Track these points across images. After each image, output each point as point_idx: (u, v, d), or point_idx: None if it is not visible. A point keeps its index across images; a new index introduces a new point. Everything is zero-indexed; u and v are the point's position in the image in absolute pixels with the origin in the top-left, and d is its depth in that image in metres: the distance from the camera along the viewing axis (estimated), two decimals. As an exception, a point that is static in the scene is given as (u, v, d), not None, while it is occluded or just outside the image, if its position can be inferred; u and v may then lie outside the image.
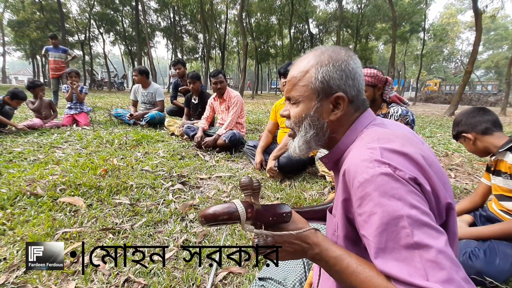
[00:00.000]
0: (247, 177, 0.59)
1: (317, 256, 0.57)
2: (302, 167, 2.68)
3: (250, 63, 35.74)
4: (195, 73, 4.04)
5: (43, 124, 4.26)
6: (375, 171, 0.51)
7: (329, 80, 0.64)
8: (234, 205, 0.54)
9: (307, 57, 0.69)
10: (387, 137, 0.58)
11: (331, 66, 0.65)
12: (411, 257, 0.46)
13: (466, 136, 1.43)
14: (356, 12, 26.38)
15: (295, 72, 0.69)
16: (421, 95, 27.25)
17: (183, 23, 30.62)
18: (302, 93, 0.67)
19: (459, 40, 45.10)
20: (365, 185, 0.51)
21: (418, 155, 0.55)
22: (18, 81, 38.48)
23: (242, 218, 0.53)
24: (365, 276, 0.51)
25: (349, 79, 0.65)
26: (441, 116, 10.06)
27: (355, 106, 0.67)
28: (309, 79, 0.66)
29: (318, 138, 0.69)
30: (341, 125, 0.67)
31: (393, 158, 0.53)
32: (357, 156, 0.56)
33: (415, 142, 0.59)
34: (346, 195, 0.58)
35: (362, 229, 0.53)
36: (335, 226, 0.65)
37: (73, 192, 1.94)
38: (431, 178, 0.53)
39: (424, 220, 0.47)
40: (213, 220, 0.53)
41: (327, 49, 0.68)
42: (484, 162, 3.25)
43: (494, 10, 13.40)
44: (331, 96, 0.65)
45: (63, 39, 21.04)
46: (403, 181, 0.50)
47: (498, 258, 1.21)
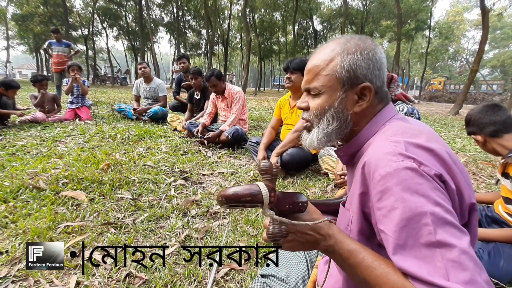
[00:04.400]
0: (267, 161, 0.57)
1: (330, 248, 0.56)
2: (305, 164, 2.66)
3: (253, 60, 35.61)
4: (196, 69, 4.03)
5: (46, 118, 4.27)
6: (398, 165, 0.49)
7: (356, 69, 0.61)
8: (257, 187, 0.51)
9: (331, 45, 0.65)
10: (411, 132, 0.56)
11: (358, 54, 0.61)
12: (432, 255, 0.44)
13: (475, 138, 1.39)
14: (361, 9, 26.13)
15: (317, 61, 0.65)
16: (425, 94, 26.99)
17: (187, 18, 30.49)
18: (325, 83, 0.64)
19: (465, 39, 44.64)
20: (387, 179, 0.49)
21: (444, 151, 0.53)
22: (22, 75, 38.60)
23: (265, 201, 0.51)
24: (380, 271, 0.49)
25: (376, 69, 0.62)
26: (446, 115, 9.97)
27: (379, 98, 0.64)
28: (334, 68, 0.62)
29: (341, 130, 0.65)
30: (365, 117, 0.64)
31: (418, 153, 0.50)
32: (380, 149, 0.54)
33: (439, 138, 0.57)
34: (364, 189, 0.56)
35: (380, 224, 0.51)
36: (348, 220, 0.63)
37: (75, 186, 1.94)
38: (456, 176, 0.51)
39: (448, 218, 0.46)
40: (234, 201, 0.50)
41: (352, 37, 0.64)
42: (489, 162, 3.22)
43: (501, 9, 13.19)
44: (357, 86, 0.62)
45: (67, 33, 21.05)
46: (428, 177, 0.48)
47: (503, 260, 1.20)
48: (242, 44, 33.16)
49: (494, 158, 3.27)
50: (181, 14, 29.36)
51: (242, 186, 0.52)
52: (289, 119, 2.73)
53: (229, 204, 0.50)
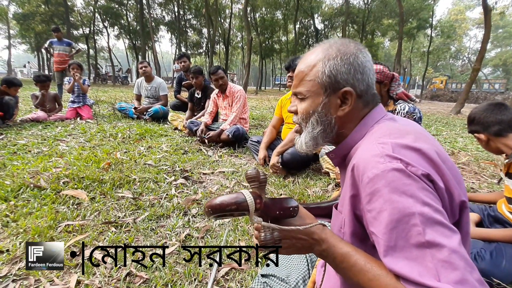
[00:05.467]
0: (254, 169, 0.57)
1: (324, 252, 0.56)
2: (306, 163, 2.65)
3: (254, 59, 35.50)
4: (197, 68, 4.02)
5: (48, 117, 4.27)
6: (386, 167, 0.49)
7: (336, 74, 0.62)
8: (242, 195, 0.51)
9: (315, 51, 0.66)
10: (399, 132, 0.56)
11: (338, 59, 0.62)
12: (422, 256, 0.44)
13: (478, 136, 1.38)
14: (362, 7, 26.04)
15: (302, 66, 0.67)
16: (426, 93, 26.92)
17: (188, 17, 30.46)
18: (309, 88, 0.65)
19: (467, 37, 44.46)
20: (375, 181, 0.49)
21: (432, 151, 0.52)
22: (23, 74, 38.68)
23: (251, 209, 0.51)
24: (373, 274, 0.49)
25: (358, 73, 0.62)
26: (447, 114, 9.93)
27: (365, 101, 0.65)
28: (316, 73, 0.64)
29: (326, 134, 0.67)
30: (350, 120, 0.65)
31: (405, 154, 0.51)
32: (367, 151, 0.54)
33: (428, 138, 0.58)
34: (355, 191, 0.56)
35: (371, 226, 0.51)
36: (341, 222, 0.64)
37: (76, 185, 1.94)
38: (445, 175, 0.51)
39: (437, 218, 0.45)
40: (220, 211, 0.50)
41: (335, 42, 0.66)
42: (491, 161, 3.20)
43: (503, 7, 13.10)
44: (339, 91, 0.63)
45: (68, 32, 21.09)
46: (415, 177, 0.48)
47: (505, 260, 1.19)
48: (243, 43, 33.12)
49: (496, 157, 3.25)
50: (182, 13, 29.31)
51: (228, 195, 0.52)
52: (290, 118, 2.72)
53: (216, 214, 0.50)
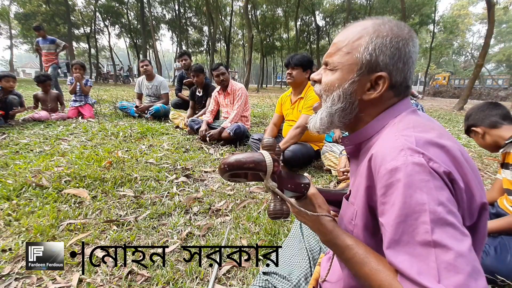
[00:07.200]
0: (270, 138, 0.55)
1: (325, 243, 0.60)
2: (308, 161, 2.64)
3: (256, 56, 35.41)
4: (198, 66, 4.00)
5: (50, 117, 4.29)
6: (406, 160, 0.47)
7: (379, 54, 0.56)
8: (261, 155, 0.50)
9: (364, 24, 0.60)
10: (423, 126, 0.54)
11: (387, 40, 0.56)
12: (425, 254, 0.43)
13: (475, 130, 1.40)
14: (364, 3, 25.83)
15: (344, 36, 0.61)
16: (429, 89, 26.73)
17: (188, 15, 30.41)
18: (343, 61, 0.60)
19: (470, 33, 44.04)
20: (392, 173, 0.47)
21: (456, 149, 0.50)
22: (26, 74, 38.82)
23: (269, 170, 0.49)
24: (369, 268, 0.49)
25: (401, 61, 0.57)
26: (450, 111, 9.86)
27: (396, 92, 0.60)
28: (358, 47, 0.58)
29: (344, 114, 0.62)
30: (374, 107, 0.61)
31: (428, 148, 0.48)
32: (388, 142, 0.52)
33: (451, 136, 0.55)
34: (370, 182, 0.54)
35: (381, 218, 0.50)
36: (353, 214, 0.61)
37: (78, 184, 1.94)
38: (467, 174, 0.49)
39: (449, 219, 0.43)
40: (237, 168, 0.48)
41: (389, 21, 0.59)
42: (495, 157, 3.17)
43: (507, 2, 12.95)
44: (373, 74, 0.57)
45: (69, 31, 21.13)
46: (435, 174, 0.46)
47: (510, 255, 1.17)
48: (244, 41, 33.01)
49: (498, 154, 3.22)
50: (183, 11, 29.27)
51: (246, 153, 0.51)
52: (290, 115, 2.70)
53: (231, 172, 0.49)
